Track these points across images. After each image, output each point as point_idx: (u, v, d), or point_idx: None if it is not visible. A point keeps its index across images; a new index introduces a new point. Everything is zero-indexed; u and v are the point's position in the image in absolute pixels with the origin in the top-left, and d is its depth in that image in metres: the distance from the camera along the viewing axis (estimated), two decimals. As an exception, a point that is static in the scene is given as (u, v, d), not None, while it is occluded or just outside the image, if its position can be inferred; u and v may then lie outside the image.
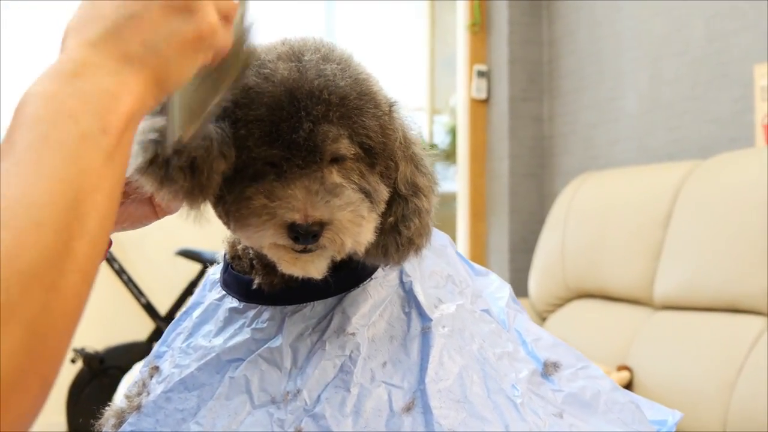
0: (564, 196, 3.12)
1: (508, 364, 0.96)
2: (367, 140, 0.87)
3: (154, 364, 0.97)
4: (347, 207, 0.83)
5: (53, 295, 0.53)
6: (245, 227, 0.83)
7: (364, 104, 0.87)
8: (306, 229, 0.80)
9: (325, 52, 0.89)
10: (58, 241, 0.54)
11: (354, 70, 0.89)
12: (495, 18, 3.79)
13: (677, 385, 2.30)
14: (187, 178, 0.80)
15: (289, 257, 0.85)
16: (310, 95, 0.84)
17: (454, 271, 1.03)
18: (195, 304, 1.01)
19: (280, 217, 0.80)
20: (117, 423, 0.93)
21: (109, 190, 0.60)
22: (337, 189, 0.83)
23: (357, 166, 0.87)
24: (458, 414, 0.87)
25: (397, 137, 0.91)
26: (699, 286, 2.40)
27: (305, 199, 0.81)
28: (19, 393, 0.51)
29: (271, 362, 0.90)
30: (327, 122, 0.84)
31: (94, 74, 0.62)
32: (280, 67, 0.86)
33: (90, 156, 0.58)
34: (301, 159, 0.83)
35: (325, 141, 0.83)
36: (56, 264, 0.54)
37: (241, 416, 0.88)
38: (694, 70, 2.91)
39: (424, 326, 0.93)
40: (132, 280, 3.62)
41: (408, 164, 0.93)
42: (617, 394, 1.01)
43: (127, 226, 0.93)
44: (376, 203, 0.88)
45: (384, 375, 0.89)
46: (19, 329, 0.51)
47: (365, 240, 0.86)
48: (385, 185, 0.90)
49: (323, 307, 0.93)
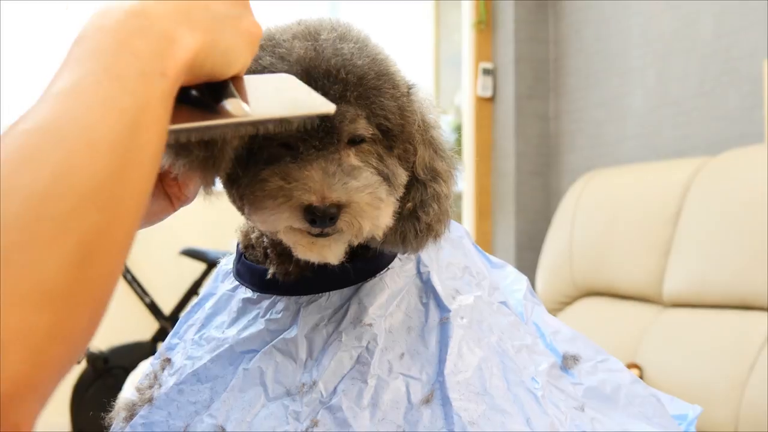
0: (571, 193, 3.10)
1: (527, 356, 0.94)
2: (385, 122, 0.85)
3: (165, 356, 0.95)
4: (365, 189, 0.80)
5: (108, 217, 0.53)
6: (260, 210, 0.81)
7: (383, 84, 0.85)
8: (323, 211, 0.77)
9: (342, 31, 0.87)
10: (113, 163, 0.54)
11: (372, 50, 0.87)
12: (501, 16, 3.77)
13: (688, 383, 2.28)
14: (201, 148, 0.78)
15: (305, 241, 0.82)
16: (327, 75, 0.82)
17: (471, 263, 1.01)
18: (207, 295, 0.99)
19: (297, 198, 0.78)
20: (128, 416, 0.91)
21: (161, 133, 0.60)
22: (355, 171, 0.81)
23: (375, 148, 0.85)
24: (478, 406, 0.85)
25: (415, 120, 0.89)
26: (709, 284, 2.38)
27: (322, 181, 0.78)
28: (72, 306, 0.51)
29: (286, 353, 0.88)
30: (344, 102, 0.81)
31: (156, 17, 0.62)
32: (296, 46, 0.83)
33: (149, 93, 0.58)
34: (318, 140, 0.81)
35: (342, 122, 0.81)
36: (111, 187, 0.53)
37: (256, 408, 0.86)
38: (703, 66, 2.90)
39: (442, 317, 0.91)
40: (136, 279, 3.61)
41: (427, 148, 0.90)
42: (638, 388, 0.99)
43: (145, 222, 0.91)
44: (395, 187, 0.85)
45: (402, 367, 0.87)
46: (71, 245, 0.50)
47: (383, 224, 0.83)
48: (404, 169, 0.87)
49: (339, 298, 0.91)
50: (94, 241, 0.52)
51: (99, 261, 0.53)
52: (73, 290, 0.51)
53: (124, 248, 0.56)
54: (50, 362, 0.49)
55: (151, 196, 0.89)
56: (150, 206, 0.89)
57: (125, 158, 0.55)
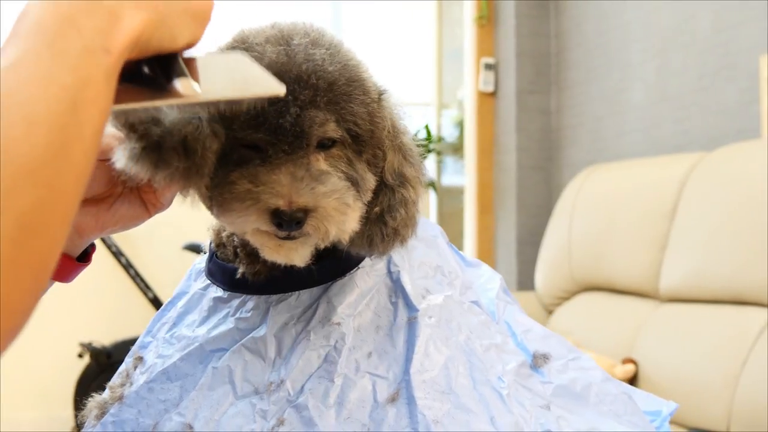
0: (571, 188, 3.10)
1: (496, 355, 0.94)
2: (354, 127, 0.85)
3: (138, 354, 0.96)
4: (332, 194, 0.81)
5: (47, 193, 0.53)
6: (228, 212, 0.81)
7: (353, 90, 0.86)
8: (290, 215, 0.78)
9: (315, 36, 0.87)
10: (53, 140, 0.54)
11: (343, 56, 0.87)
12: (502, 11, 3.77)
13: (682, 377, 2.28)
14: (182, 158, 0.78)
15: (272, 244, 0.83)
16: (298, 80, 0.82)
17: (444, 262, 1.02)
18: (180, 294, 1.00)
19: (264, 202, 0.79)
20: (99, 414, 0.92)
21: (104, 109, 0.59)
22: (323, 176, 0.82)
23: (344, 153, 0.86)
24: (443, 405, 0.85)
25: (385, 126, 0.90)
26: (705, 279, 2.38)
27: (290, 185, 0.79)
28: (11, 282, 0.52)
29: (254, 352, 0.89)
30: (314, 107, 0.82)
31: None
32: (268, 50, 0.84)
33: (91, 70, 0.58)
34: (287, 144, 0.81)
35: (312, 126, 0.82)
36: (50, 163, 0.54)
37: (224, 407, 0.87)
38: (701, 61, 2.89)
39: (410, 316, 0.92)
40: (139, 274, 3.63)
41: (396, 154, 0.91)
42: (609, 385, 0.99)
43: (119, 227, 0.92)
44: (363, 192, 0.86)
45: (369, 365, 0.88)
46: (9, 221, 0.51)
47: (350, 228, 0.84)
48: (372, 174, 0.88)
49: (309, 297, 0.92)
50: (33, 217, 0.53)
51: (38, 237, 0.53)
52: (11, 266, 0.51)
53: (64, 224, 0.56)
54: None
55: (127, 202, 0.90)
56: (125, 212, 0.90)
57: (65, 134, 0.55)
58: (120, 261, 3.59)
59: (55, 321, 3.48)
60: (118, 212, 0.90)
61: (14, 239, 0.52)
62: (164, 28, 0.66)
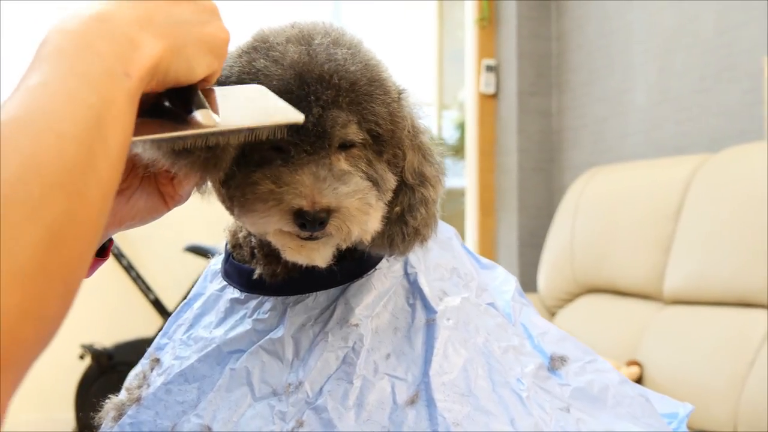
0: (573, 190, 3.10)
1: (514, 357, 0.94)
2: (375, 127, 0.85)
3: (154, 356, 0.96)
4: (355, 194, 0.81)
5: (76, 203, 0.55)
6: (250, 213, 0.81)
7: (374, 90, 0.86)
8: (313, 215, 0.78)
9: (336, 36, 0.87)
10: (80, 153, 0.56)
11: (364, 56, 0.87)
12: (503, 12, 3.77)
13: (687, 379, 2.28)
14: (203, 149, 0.79)
15: (294, 244, 0.83)
16: (320, 79, 0.82)
17: (460, 264, 1.01)
18: (196, 295, 1.00)
19: (287, 202, 0.79)
20: (117, 415, 0.92)
21: (127, 128, 0.61)
22: (346, 176, 0.82)
23: (365, 153, 0.86)
24: (463, 407, 0.85)
25: (405, 125, 0.90)
26: (709, 281, 2.38)
27: (313, 186, 0.79)
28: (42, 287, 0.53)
29: (272, 354, 0.89)
30: (336, 107, 0.82)
31: (119, 21, 0.64)
32: (289, 50, 0.84)
33: (114, 91, 0.60)
34: (309, 144, 0.81)
35: (334, 126, 0.82)
36: (79, 175, 0.56)
37: (242, 408, 0.86)
38: (704, 62, 2.89)
39: (428, 318, 0.91)
40: (140, 276, 3.62)
41: (416, 153, 0.91)
42: (626, 388, 0.99)
43: (137, 221, 0.91)
44: (384, 192, 0.86)
45: (387, 367, 0.87)
46: (41, 229, 0.53)
47: (372, 228, 0.84)
48: (393, 174, 0.88)
49: (326, 298, 0.91)
50: (63, 226, 0.54)
51: (68, 245, 0.55)
52: (43, 272, 0.53)
53: (92, 234, 0.58)
54: (22, 342, 0.51)
55: (145, 194, 0.90)
56: (144, 205, 0.90)
57: (92, 149, 0.57)
58: (121, 263, 3.58)
59: (56, 322, 3.46)
60: (136, 205, 0.89)
61: (45, 247, 0.53)
62: (182, 58, 0.68)
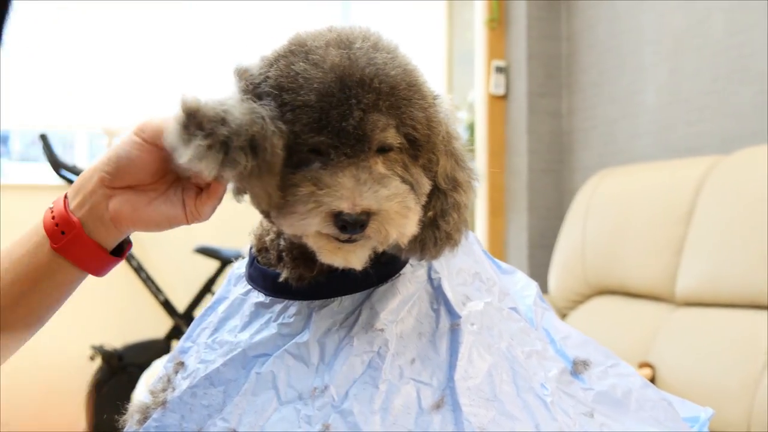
0: (584, 191, 3.10)
1: (537, 362, 0.94)
2: (413, 131, 0.86)
3: (179, 359, 0.96)
4: (395, 198, 0.82)
5: None
6: (290, 215, 0.82)
7: (413, 95, 0.87)
8: (353, 218, 0.79)
9: (374, 40, 0.88)
10: None
11: (402, 60, 0.88)
12: (513, 13, 3.77)
13: (700, 382, 2.28)
14: (249, 158, 0.79)
15: (331, 246, 0.83)
16: (360, 83, 0.83)
17: (481, 269, 1.02)
18: (220, 299, 1.00)
19: (328, 205, 0.79)
20: (142, 418, 0.93)
21: None
22: (385, 179, 0.83)
23: (401, 157, 0.87)
24: (488, 412, 0.85)
25: (441, 130, 0.90)
26: (722, 282, 2.37)
27: (354, 188, 0.80)
28: None
29: (298, 358, 0.89)
30: (377, 111, 0.83)
31: None
32: (330, 53, 0.84)
33: None
34: (349, 147, 0.82)
35: (374, 130, 0.83)
36: None
37: (268, 412, 0.87)
38: (715, 63, 2.89)
39: (452, 323, 0.92)
40: (150, 277, 3.62)
41: (449, 158, 0.92)
42: (649, 392, 0.99)
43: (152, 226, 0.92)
44: (419, 196, 0.87)
45: (412, 372, 0.88)
46: None
47: (410, 231, 0.85)
48: (428, 178, 0.89)
49: (351, 302, 0.92)
50: None
51: None
52: None
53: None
54: None
55: (168, 202, 0.90)
56: (164, 211, 0.90)
57: None
58: (131, 264, 3.59)
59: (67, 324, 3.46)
60: (158, 209, 0.90)
61: None
62: None
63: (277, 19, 3.66)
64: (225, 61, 0.89)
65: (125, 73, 3.71)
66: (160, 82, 3.73)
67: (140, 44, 3.74)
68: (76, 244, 0.89)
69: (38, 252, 0.89)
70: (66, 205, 0.90)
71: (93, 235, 0.89)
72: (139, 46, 3.74)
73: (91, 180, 0.89)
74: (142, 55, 3.74)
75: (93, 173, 0.89)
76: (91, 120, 3.74)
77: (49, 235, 0.89)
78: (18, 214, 3.68)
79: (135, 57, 3.73)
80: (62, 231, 0.89)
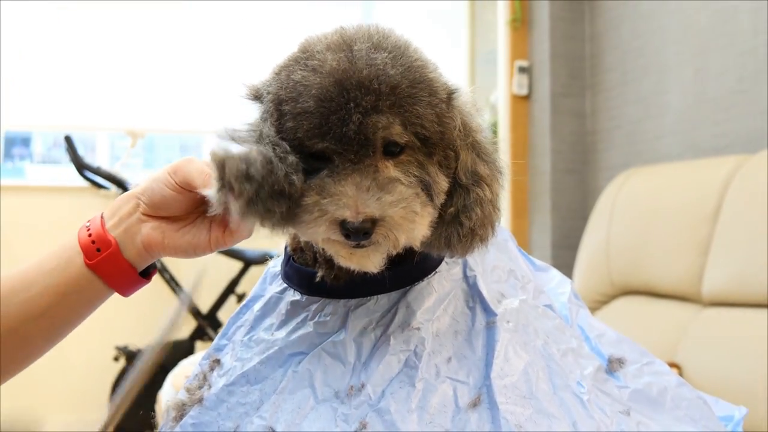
0: (609, 191, 3.09)
1: (573, 360, 0.94)
2: (421, 129, 0.85)
3: (214, 356, 0.97)
4: (399, 203, 0.81)
5: None
6: (299, 223, 0.82)
7: (418, 92, 0.85)
8: (356, 226, 0.79)
9: (378, 40, 0.87)
10: None
11: (407, 58, 0.86)
12: (536, 13, 3.76)
13: (727, 383, 2.26)
14: (281, 204, 0.80)
15: (344, 252, 0.83)
16: (359, 86, 0.82)
17: (516, 266, 1.02)
18: (255, 297, 1.00)
19: (331, 214, 0.79)
20: (178, 416, 0.93)
21: None
22: (390, 185, 0.81)
23: (414, 157, 0.85)
24: (525, 410, 0.85)
25: (455, 125, 0.88)
26: (748, 282, 2.36)
27: (356, 196, 0.79)
28: None
29: (334, 356, 0.89)
30: (376, 112, 0.82)
31: None
32: (328, 58, 0.84)
33: None
34: (353, 153, 0.81)
35: (375, 132, 0.81)
36: None
37: (305, 410, 0.87)
38: (741, 63, 2.87)
39: (488, 321, 0.91)
40: (174, 278, 3.63)
41: (469, 153, 0.90)
42: (684, 390, 0.99)
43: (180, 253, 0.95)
44: (435, 195, 0.85)
45: (449, 370, 0.88)
46: None
47: (419, 235, 0.83)
48: (445, 175, 0.87)
49: (387, 301, 0.92)
50: None
51: None
52: None
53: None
54: None
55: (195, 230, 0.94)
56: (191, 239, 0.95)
57: None
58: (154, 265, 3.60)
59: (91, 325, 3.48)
60: (185, 237, 0.93)
61: None
62: None
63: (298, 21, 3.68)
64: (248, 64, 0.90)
65: (148, 75, 3.73)
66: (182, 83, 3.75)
67: (163, 46, 3.75)
68: (110, 263, 0.92)
69: (69, 267, 0.92)
70: (103, 224, 0.93)
71: (126, 256, 0.93)
72: (162, 48, 3.75)
73: (128, 204, 0.93)
74: (165, 57, 3.75)
75: (130, 198, 0.93)
76: (114, 122, 3.76)
77: (84, 251, 0.92)
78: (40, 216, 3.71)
79: (158, 59, 3.74)
80: (98, 248, 0.92)
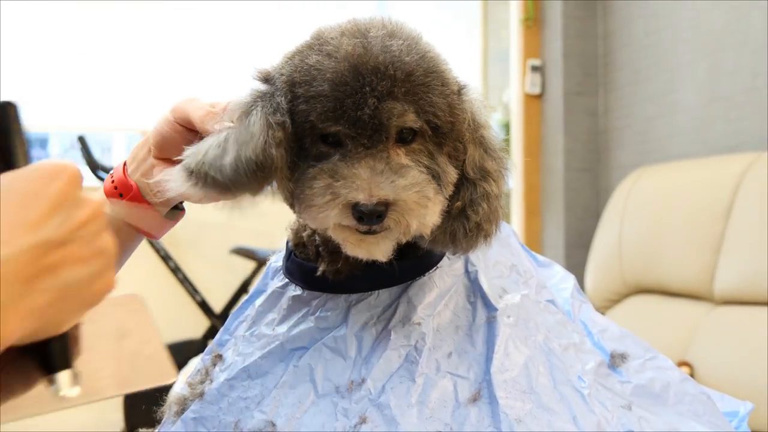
0: (621, 190, 3.08)
1: (574, 355, 0.94)
2: (434, 118, 0.85)
3: (216, 352, 0.97)
4: (412, 188, 0.81)
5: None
6: (310, 208, 0.82)
7: (431, 81, 0.85)
8: (370, 209, 0.78)
9: (392, 29, 0.87)
10: None
11: (421, 48, 0.87)
12: (549, 12, 3.75)
13: (739, 381, 2.25)
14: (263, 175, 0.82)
15: (353, 239, 0.83)
16: (375, 71, 0.82)
17: (518, 262, 1.01)
18: (257, 292, 1.01)
19: (344, 196, 0.79)
20: (179, 410, 0.93)
21: None
22: (403, 169, 0.81)
23: (425, 146, 0.85)
24: (524, 405, 0.85)
25: (465, 118, 0.89)
26: (761, 280, 2.35)
27: (370, 179, 0.79)
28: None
29: (335, 351, 0.89)
30: (392, 98, 0.82)
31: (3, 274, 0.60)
32: (343, 43, 0.84)
33: None
34: (366, 138, 0.82)
35: (390, 118, 0.82)
36: None
37: (306, 405, 0.87)
38: (754, 60, 2.85)
39: (489, 316, 0.91)
40: (187, 278, 3.65)
41: (477, 147, 0.90)
42: (687, 385, 0.99)
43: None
44: (444, 185, 0.85)
45: (449, 365, 0.88)
46: None
47: (431, 222, 0.83)
48: (454, 167, 0.87)
49: (388, 296, 0.92)
50: None
51: None
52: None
53: None
54: None
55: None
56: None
57: None
58: (168, 265, 3.61)
59: (106, 323, 3.50)
60: None
61: None
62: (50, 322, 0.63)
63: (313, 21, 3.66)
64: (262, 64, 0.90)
65: (163, 75, 3.74)
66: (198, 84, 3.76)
67: (180, 47, 3.77)
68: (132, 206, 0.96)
69: None
70: (125, 170, 0.98)
71: (147, 199, 0.97)
72: (177, 49, 3.77)
73: (143, 148, 0.98)
74: (180, 58, 3.77)
75: (145, 143, 0.97)
76: (129, 122, 3.78)
77: (108, 197, 0.96)
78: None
79: (173, 59, 3.76)
80: (120, 193, 0.96)
